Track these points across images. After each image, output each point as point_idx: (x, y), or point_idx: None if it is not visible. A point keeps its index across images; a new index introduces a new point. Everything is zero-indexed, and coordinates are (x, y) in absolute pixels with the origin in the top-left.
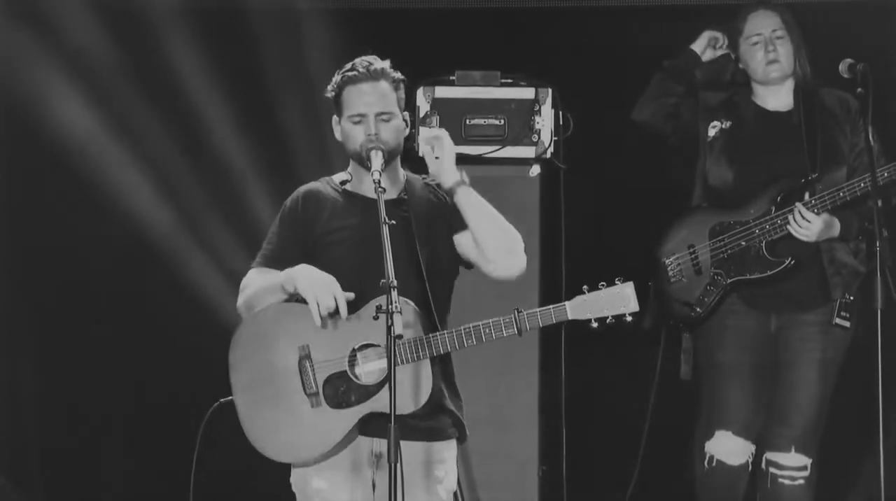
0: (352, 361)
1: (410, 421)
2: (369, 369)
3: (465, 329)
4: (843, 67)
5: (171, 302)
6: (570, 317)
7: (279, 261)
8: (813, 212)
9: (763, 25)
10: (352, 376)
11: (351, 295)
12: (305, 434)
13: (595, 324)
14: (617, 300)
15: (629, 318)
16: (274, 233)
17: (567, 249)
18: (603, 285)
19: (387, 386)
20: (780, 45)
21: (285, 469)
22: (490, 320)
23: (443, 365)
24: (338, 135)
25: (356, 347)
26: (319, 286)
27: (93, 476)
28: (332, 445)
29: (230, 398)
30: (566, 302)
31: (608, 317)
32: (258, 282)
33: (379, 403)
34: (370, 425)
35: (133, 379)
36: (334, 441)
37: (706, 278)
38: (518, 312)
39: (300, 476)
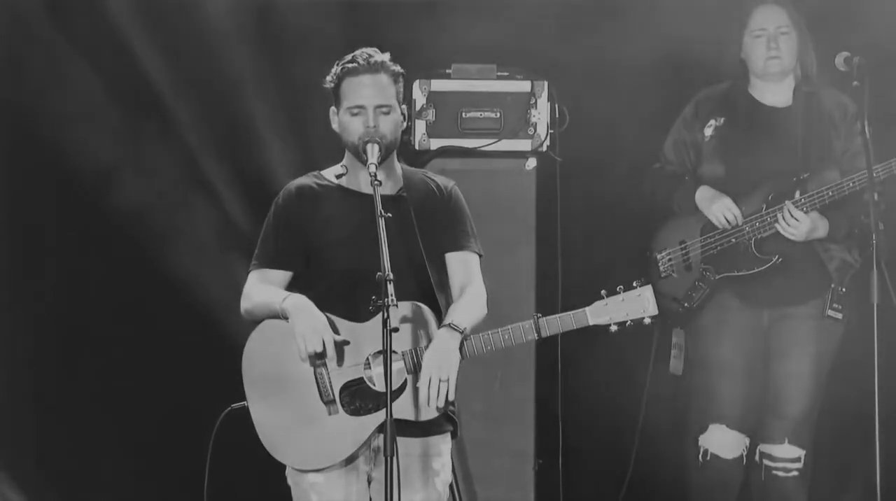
0: (367, 368)
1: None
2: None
3: (483, 336)
4: (839, 60)
5: (173, 303)
6: (590, 323)
7: (277, 260)
8: (801, 210)
9: (768, 20)
10: (368, 382)
11: (340, 338)
12: (324, 442)
13: (615, 329)
14: (637, 304)
15: (648, 321)
16: (269, 231)
17: (563, 242)
18: (621, 289)
19: (405, 392)
20: (783, 42)
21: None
22: (510, 326)
23: None
24: (335, 126)
25: (371, 354)
26: (309, 328)
27: (95, 483)
28: (351, 452)
29: (242, 403)
30: (586, 308)
31: (628, 321)
32: (259, 296)
33: (397, 409)
34: None
35: (135, 381)
36: (353, 448)
37: (695, 274)
38: (538, 317)
39: (296, 470)
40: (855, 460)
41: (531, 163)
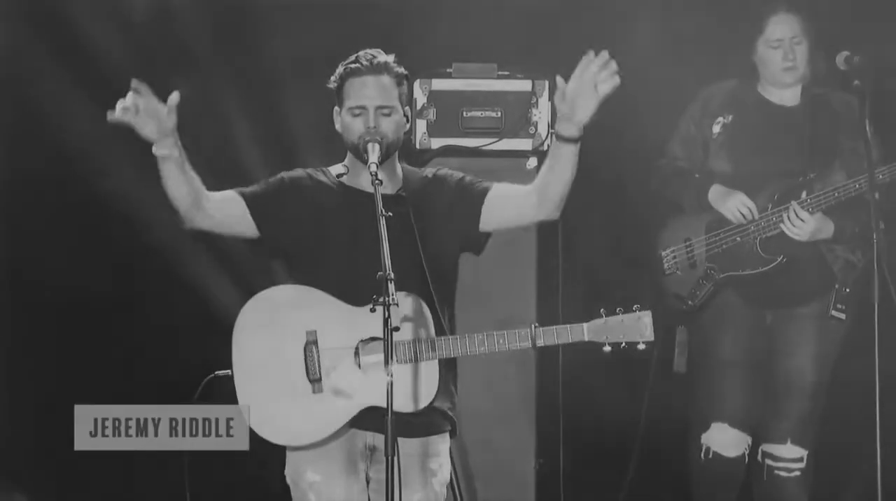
0: (357, 352)
1: (406, 417)
2: (373, 361)
3: (478, 336)
4: (839, 59)
5: (171, 300)
6: (586, 339)
7: (255, 207)
8: (807, 211)
9: (784, 31)
10: (356, 367)
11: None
12: (304, 419)
13: (608, 348)
14: (634, 328)
15: (643, 347)
16: (268, 187)
17: (563, 242)
18: (620, 310)
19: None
20: (798, 52)
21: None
22: (505, 331)
23: (447, 361)
24: (338, 127)
25: (363, 339)
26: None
27: (95, 482)
28: (329, 432)
29: (226, 372)
30: (584, 324)
31: (623, 344)
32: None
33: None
34: (365, 418)
35: (135, 380)
36: (333, 428)
37: (700, 272)
38: (535, 327)
39: (294, 469)
40: (856, 460)
41: (532, 162)
